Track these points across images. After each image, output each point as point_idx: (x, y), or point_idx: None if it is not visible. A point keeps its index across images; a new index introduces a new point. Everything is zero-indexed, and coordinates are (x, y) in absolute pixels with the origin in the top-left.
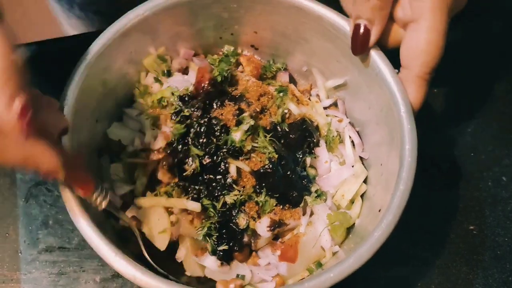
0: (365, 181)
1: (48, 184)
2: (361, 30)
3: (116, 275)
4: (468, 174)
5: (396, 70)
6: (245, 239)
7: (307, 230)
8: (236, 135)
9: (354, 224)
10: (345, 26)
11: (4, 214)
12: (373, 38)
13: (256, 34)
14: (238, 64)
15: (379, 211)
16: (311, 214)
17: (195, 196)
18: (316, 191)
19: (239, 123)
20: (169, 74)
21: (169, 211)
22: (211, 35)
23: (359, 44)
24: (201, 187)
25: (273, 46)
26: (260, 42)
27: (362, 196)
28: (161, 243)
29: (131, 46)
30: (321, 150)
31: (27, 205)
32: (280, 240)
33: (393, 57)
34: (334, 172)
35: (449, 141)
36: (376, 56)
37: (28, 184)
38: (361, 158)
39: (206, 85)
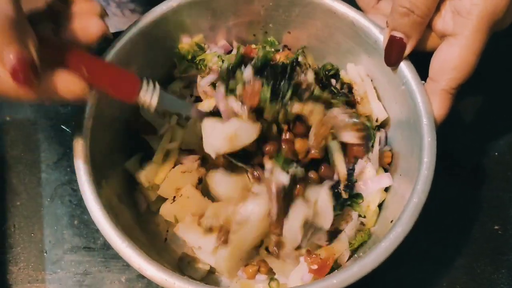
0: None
1: (73, 184)
2: (397, 42)
3: (142, 275)
4: (493, 174)
5: (423, 82)
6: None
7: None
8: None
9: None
10: (377, 33)
11: (29, 214)
12: (407, 51)
13: (289, 34)
14: None
15: (391, 222)
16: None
17: None
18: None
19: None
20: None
21: None
22: (246, 31)
23: (394, 56)
24: None
25: (306, 49)
26: (293, 43)
27: (379, 206)
28: None
29: (165, 34)
30: None
31: (52, 205)
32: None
33: (421, 68)
34: (373, 178)
35: (474, 141)
36: (404, 66)
37: (53, 183)
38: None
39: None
